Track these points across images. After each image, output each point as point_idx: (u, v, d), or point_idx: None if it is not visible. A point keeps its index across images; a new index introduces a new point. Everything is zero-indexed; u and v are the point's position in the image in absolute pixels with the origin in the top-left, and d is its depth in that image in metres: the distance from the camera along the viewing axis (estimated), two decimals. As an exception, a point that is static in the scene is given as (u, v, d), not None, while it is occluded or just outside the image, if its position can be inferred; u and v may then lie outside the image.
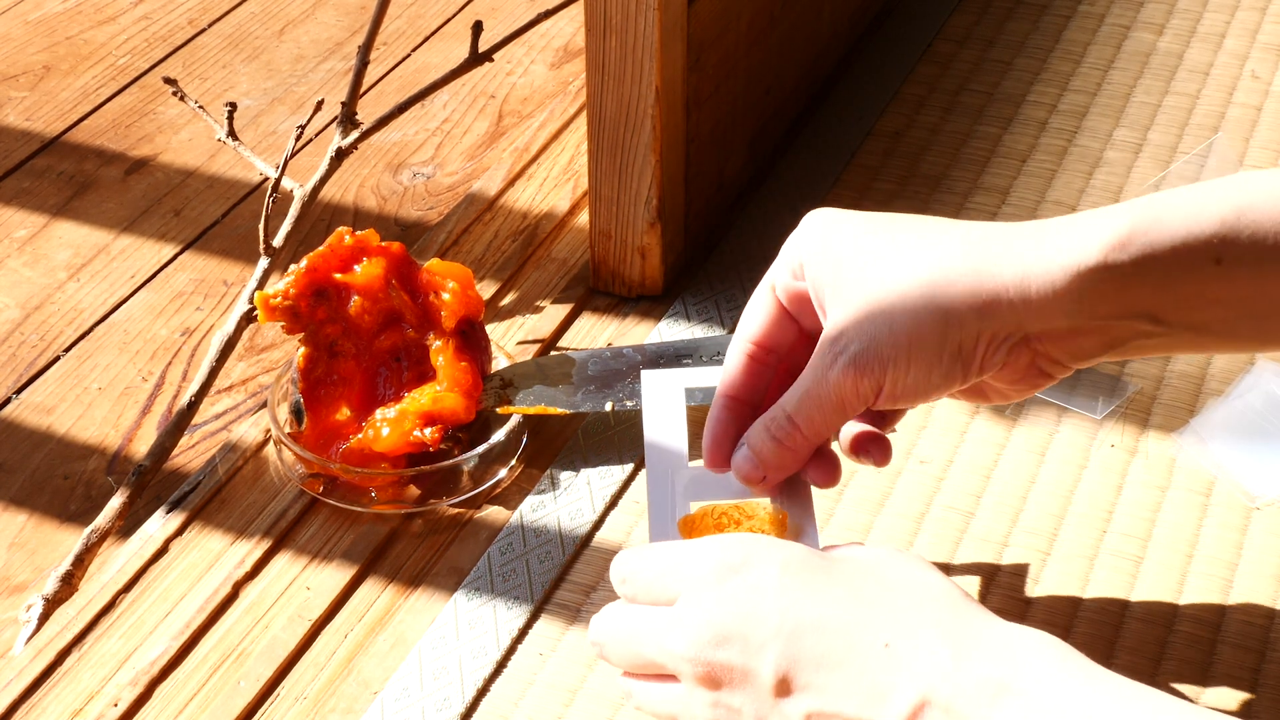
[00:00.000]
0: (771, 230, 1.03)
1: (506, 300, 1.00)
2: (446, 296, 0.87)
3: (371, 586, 0.82)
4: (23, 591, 0.89)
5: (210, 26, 1.37)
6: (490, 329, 0.93)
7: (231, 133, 1.00)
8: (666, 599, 0.66)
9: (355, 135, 1.00)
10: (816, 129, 1.12)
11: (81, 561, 0.83)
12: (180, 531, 0.85)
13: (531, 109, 1.26)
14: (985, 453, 0.88)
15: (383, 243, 0.89)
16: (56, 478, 0.96)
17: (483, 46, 1.03)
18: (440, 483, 0.87)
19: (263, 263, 0.95)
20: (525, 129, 1.22)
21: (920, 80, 1.16)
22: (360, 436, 0.86)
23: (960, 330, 0.66)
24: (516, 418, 0.88)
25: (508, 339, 0.97)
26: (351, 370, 0.88)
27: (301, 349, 0.88)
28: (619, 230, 0.98)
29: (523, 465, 0.88)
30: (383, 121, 1.03)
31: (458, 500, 0.86)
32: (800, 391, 0.69)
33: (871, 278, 0.67)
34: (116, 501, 0.86)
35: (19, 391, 1.02)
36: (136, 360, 1.04)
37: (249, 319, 0.93)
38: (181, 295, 1.09)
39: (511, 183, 1.11)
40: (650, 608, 0.67)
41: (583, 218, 1.06)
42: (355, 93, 1.01)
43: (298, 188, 0.98)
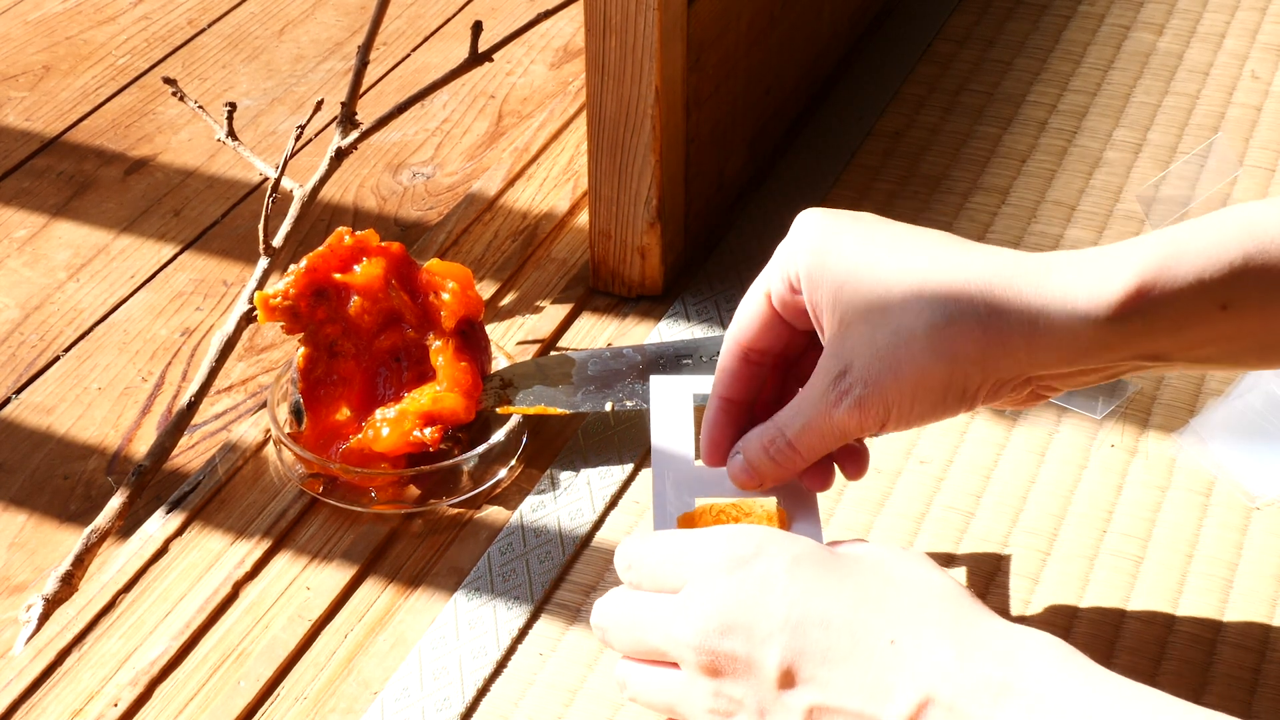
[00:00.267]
0: (771, 230, 1.03)
1: (506, 300, 1.00)
2: (446, 296, 0.87)
3: (371, 586, 0.82)
4: (23, 591, 0.89)
5: (210, 26, 1.37)
6: (490, 329, 0.93)
7: (231, 133, 1.00)
8: (672, 586, 0.66)
9: (355, 135, 1.00)
10: (816, 129, 1.12)
11: (81, 561, 0.83)
12: (180, 531, 0.85)
13: (531, 109, 1.26)
14: (985, 453, 0.88)
15: (382, 243, 0.89)
16: (56, 478, 0.96)
17: (483, 46, 1.03)
18: (440, 483, 0.87)
19: (262, 263, 0.95)
20: (525, 129, 1.22)
21: (920, 80, 1.16)
22: (360, 436, 0.86)
23: (965, 378, 0.67)
24: (516, 418, 0.88)
25: (508, 339, 0.97)
26: (351, 370, 0.88)
27: (301, 349, 0.88)
28: (619, 230, 0.97)
29: (523, 465, 0.88)
30: (382, 121, 1.03)
31: (458, 500, 0.86)
32: (803, 422, 0.70)
33: (875, 311, 0.67)
34: (116, 501, 0.86)
35: (19, 391, 1.02)
36: (136, 360, 1.04)
37: (249, 319, 0.93)
38: (181, 295, 1.09)
39: (511, 183, 1.11)
40: (655, 594, 0.67)
41: (583, 218, 1.06)
42: (355, 93, 1.01)
43: (297, 188, 0.98)
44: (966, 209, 1.05)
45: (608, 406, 0.88)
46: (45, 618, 0.81)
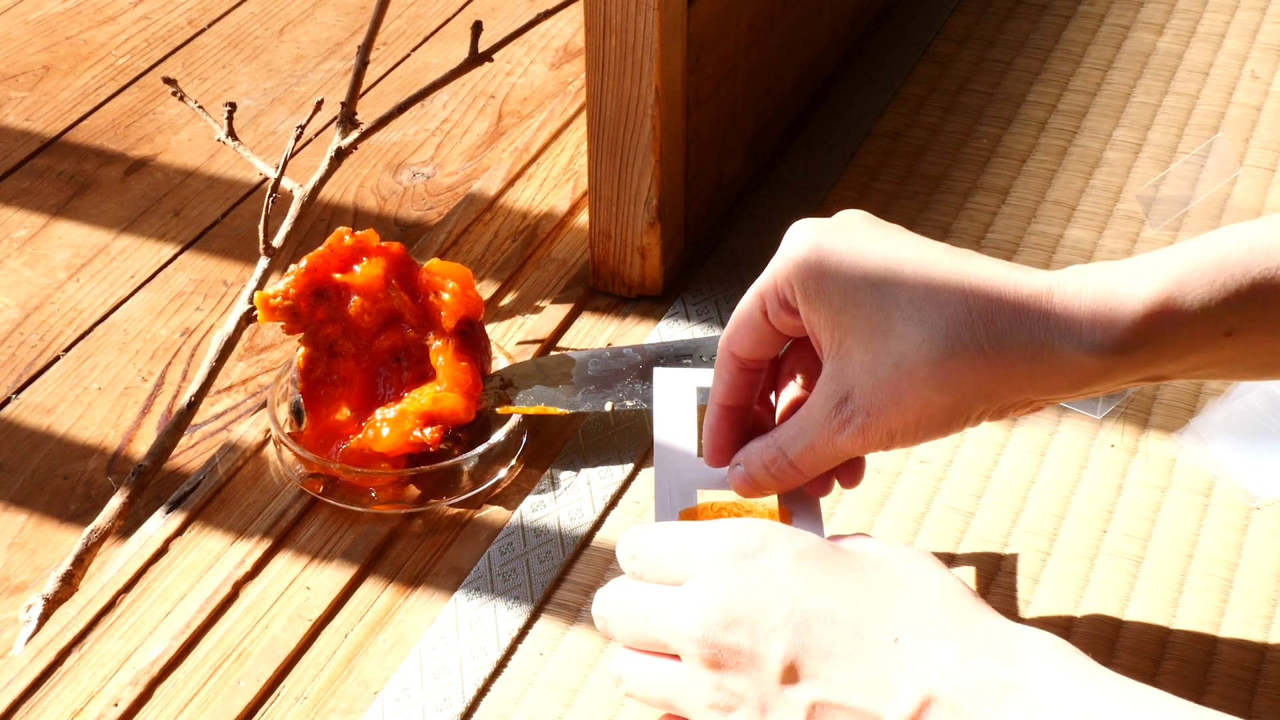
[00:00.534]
0: (771, 230, 1.03)
1: (506, 300, 1.00)
2: (446, 296, 0.87)
3: (371, 586, 0.82)
4: (23, 591, 0.89)
5: (210, 26, 1.37)
6: (490, 329, 0.93)
7: (231, 133, 1.00)
8: (675, 578, 0.66)
9: (355, 135, 1.00)
10: (816, 129, 1.12)
11: (81, 561, 0.83)
12: (180, 531, 0.85)
13: (531, 109, 1.26)
14: (985, 453, 0.88)
15: (382, 243, 0.89)
16: (56, 478, 0.96)
17: (482, 46, 1.03)
18: (440, 483, 0.87)
19: (262, 263, 0.95)
20: (525, 129, 1.22)
21: (920, 80, 1.16)
22: (360, 436, 0.86)
23: (969, 406, 0.68)
24: (516, 418, 0.88)
25: (508, 339, 0.97)
26: (351, 370, 0.88)
27: (301, 349, 0.88)
28: (619, 230, 0.97)
29: (523, 465, 0.88)
30: (382, 121, 1.03)
31: (458, 500, 0.86)
32: (805, 444, 0.70)
33: (875, 338, 0.67)
34: (116, 501, 0.86)
35: (19, 391, 1.02)
36: (136, 360, 1.04)
37: (249, 319, 0.93)
38: (181, 295, 1.09)
39: (511, 183, 1.11)
40: (658, 586, 0.67)
41: (583, 218, 1.06)
42: (355, 93, 1.01)
43: (297, 188, 0.98)
44: (966, 209, 1.05)
45: (608, 406, 0.88)
46: (45, 618, 0.81)
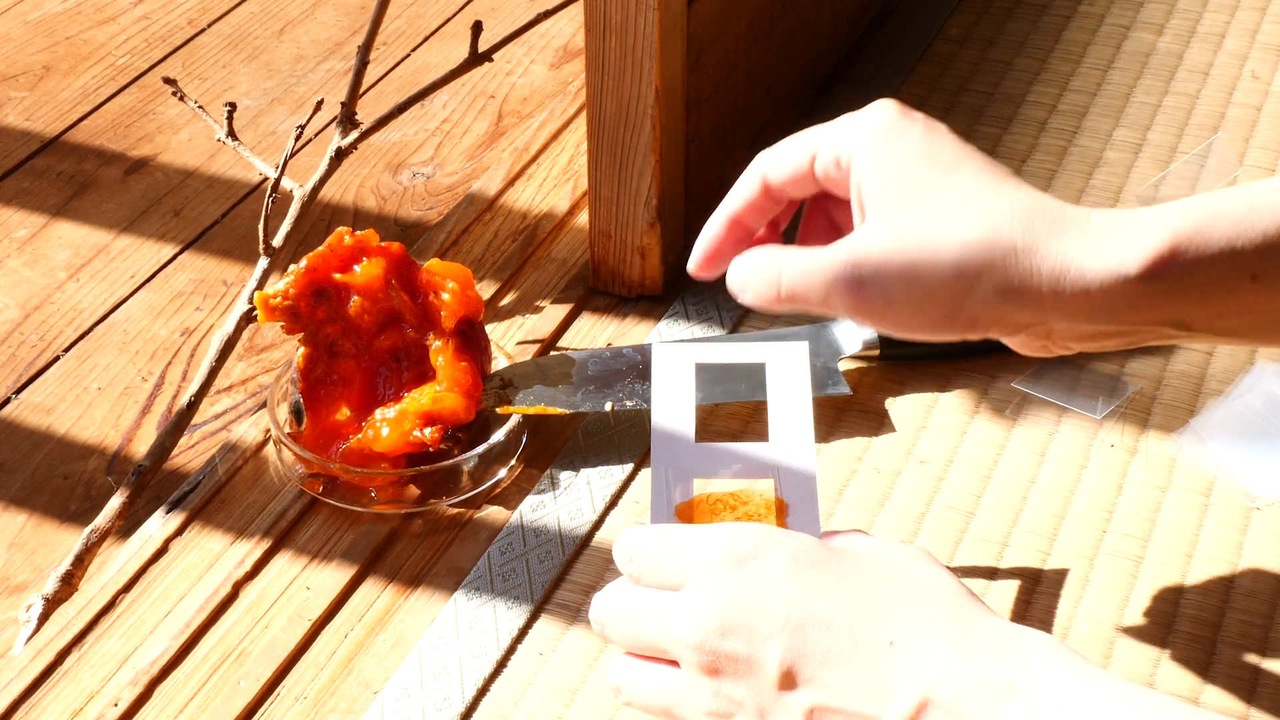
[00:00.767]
0: (771, 230, 1.03)
1: (506, 300, 1.00)
2: (446, 296, 0.87)
3: (371, 586, 0.82)
4: (23, 591, 0.89)
5: (210, 26, 1.37)
6: (490, 329, 0.93)
7: (231, 133, 1.00)
8: (673, 583, 0.66)
9: (355, 135, 1.00)
10: (816, 129, 1.12)
11: (81, 561, 0.83)
12: (180, 531, 0.85)
13: (531, 109, 1.26)
14: (985, 453, 0.88)
15: (382, 243, 0.89)
16: (56, 478, 0.96)
17: (482, 46, 1.03)
18: (440, 483, 0.87)
19: (262, 263, 0.95)
20: (525, 129, 1.22)
21: (920, 80, 1.16)
22: (360, 436, 0.86)
23: (981, 304, 0.65)
24: (516, 418, 0.88)
25: (508, 339, 0.97)
26: (351, 370, 0.88)
27: (301, 349, 0.88)
28: (619, 230, 0.98)
29: (523, 465, 0.88)
30: (382, 121, 1.03)
31: (458, 500, 0.86)
32: (801, 278, 0.68)
33: (916, 211, 0.66)
34: (116, 501, 0.86)
35: (19, 391, 1.02)
36: (136, 360, 1.04)
37: (249, 319, 0.93)
38: (181, 295, 1.09)
39: (511, 183, 1.11)
40: (656, 591, 0.67)
41: (582, 218, 1.06)
42: (355, 93, 1.01)
43: (297, 188, 0.98)
44: (966, 209, 1.04)
45: (608, 406, 0.88)
46: (45, 618, 0.81)
